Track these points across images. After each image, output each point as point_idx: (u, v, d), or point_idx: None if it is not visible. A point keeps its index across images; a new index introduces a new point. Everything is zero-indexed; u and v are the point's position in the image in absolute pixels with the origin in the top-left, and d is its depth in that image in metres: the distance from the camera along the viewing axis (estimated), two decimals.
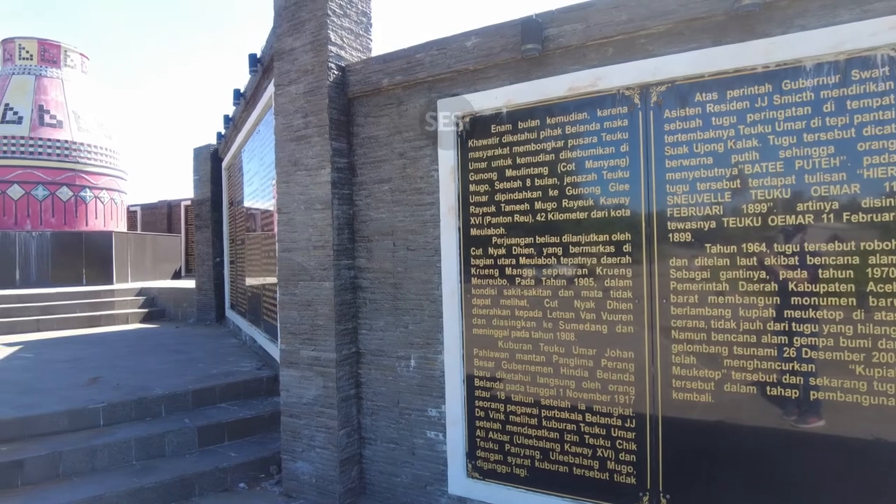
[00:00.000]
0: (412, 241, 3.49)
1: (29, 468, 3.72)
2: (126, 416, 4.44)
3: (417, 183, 3.46)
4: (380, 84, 3.57)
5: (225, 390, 4.99)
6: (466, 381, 3.28)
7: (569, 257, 2.93)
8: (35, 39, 12.95)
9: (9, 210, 12.05)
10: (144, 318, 10.29)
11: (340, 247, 3.62)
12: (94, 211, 12.99)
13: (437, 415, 3.39)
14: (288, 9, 3.82)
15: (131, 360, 6.31)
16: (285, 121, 3.80)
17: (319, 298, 3.63)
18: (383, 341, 3.61)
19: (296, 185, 3.74)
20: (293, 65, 3.77)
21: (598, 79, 2.81)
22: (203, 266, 10.04)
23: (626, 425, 2.79)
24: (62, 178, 12.41)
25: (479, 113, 3.21)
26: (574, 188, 2.91)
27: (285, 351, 3.81)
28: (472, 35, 3.23)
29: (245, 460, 4.15)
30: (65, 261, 11.52)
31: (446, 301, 3.32)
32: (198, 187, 10.33)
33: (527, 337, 3.07)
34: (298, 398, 3.74)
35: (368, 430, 3.70)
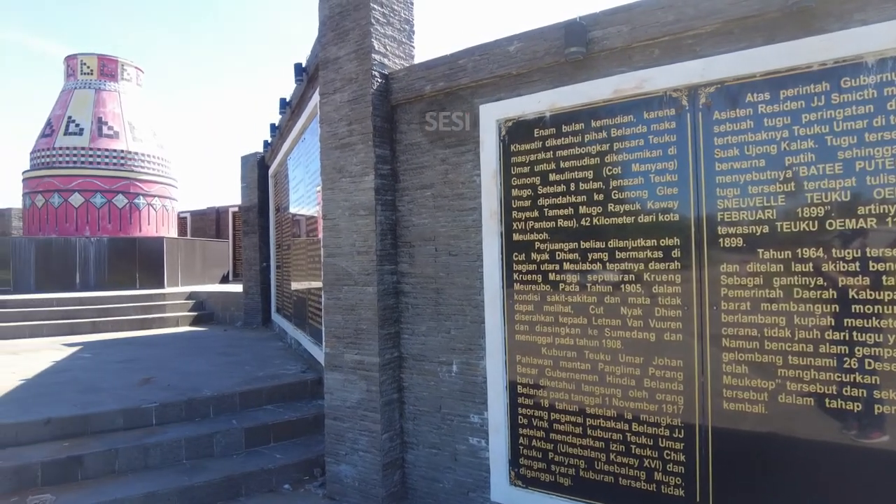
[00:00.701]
0: (454, 247, 3.50)
1: (88, 464, 3.88)
2: (177, 416, 4.58)
3: (459, 188, 3.47)
4: (422, 91, 3.59)
5: (271, 392, 5.10)
6: (509, 388, 3.25)
7: (615, 263, 2.87)
8: (95, 55, 13.59)
9: (70, 217, 12.66)
10: (194, 321, 10.62)
11: (383, 252, 3.66)
12: (147, 217, 13.51)
13: (480, 421, 3.38)
14: (332, 18, 3.89)
15: (181, 362, 6.51)
16: (330, 129, 3.87)
17: (363, 303, 3.67)
18: (425, 346, 3.62)
19: (340, 191, 3.80)
20: (338, 73, 3.84)
21: (644, 81, 2.75)
22: (250, 271, 10.30)
23: (675, 435, 2.71)
24: (118, 186, 12.97)
25: (522, 117, 3.20)
26: (620, 192, 2.85)
27: (330, 354, 3.87)
28: (515, 39, 3.22)
29: (290, 462, 4.22)
30: (120, 265, 12.02)
31: (488, 306, 3.30)
32: (245, 194, 10.62)
33: (571, 344, 3.02)
34: (342, 401, 3.78)
35: (411, 435, 3.71)
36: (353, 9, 3.76)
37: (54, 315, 9.55)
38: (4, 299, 10.03)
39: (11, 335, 8.82)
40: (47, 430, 4.14)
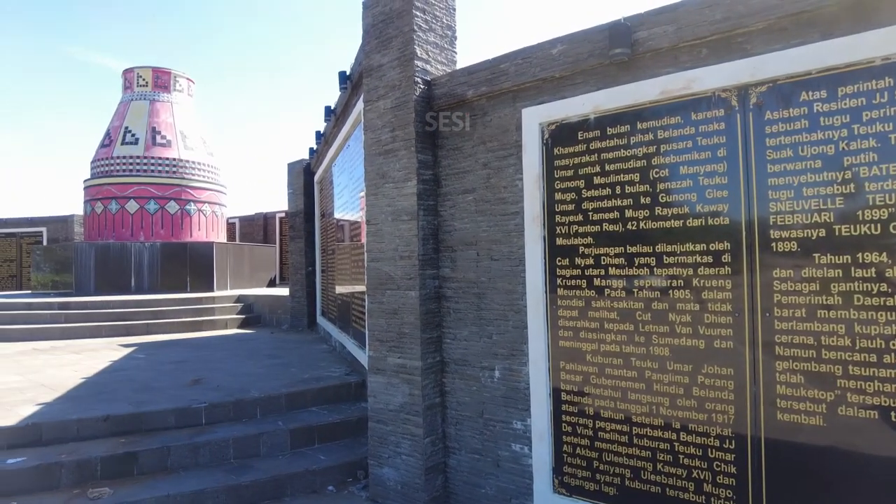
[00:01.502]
0: (496, 251, 3.48)
1: (143, 460, 4.03)
2: (225, 417, 4.70)
3: (501, 192, 3.45)
4: (464, 96, 3.60)
5: (316, 395, 5.18)
6: (553, 395, 3.21)
7: (662, 267, 2.80)
8: (150, 68, 14.18)
9: (126, 223, 13.22)
10: (242, 323, 10.91)
11: (425, 257, 3.67)
12: (198, 223, 13.98)
13: (523, 428, 3.34)
14: (376, 26, 3.95)
15: (230, 364, 6.70)
16: (374, 135, 3.92)
17: (405, 307, 3.69)
18: (467, 351, 3.62)
19: (383, 197, 3.84)
20: (381, 81, 3.89)
21: (692, 81, 2.68)
22: (296, 275, 10.52)
23: (725, 446, 2.62)
24: (170, 192, 13.47)
25: (566, 120, 3.16)
26: (667, 195, 2.79)
27: (373, 357, 3.91)
28: (558, 42, 3.19)
29: (334, 464, 4.28)
30: (172, 269, 12.46)
31: (531, 312, 3.27)
32: (292, 200, 10.87)
33: (617, 351, 2.96)
34: (385, 404, 3.81)
35: (453, 440, 3.71)
36: (396, 16, 3.81)
37: (112, 317, 9.99)
38: (68, 301, 10.55)
39: (74, 335, 9.27)
40: (105, 426, 4.32)
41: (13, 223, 19.51)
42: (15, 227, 19.33)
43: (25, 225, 19.32)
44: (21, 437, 4.14)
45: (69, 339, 9.06)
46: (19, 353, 7.73)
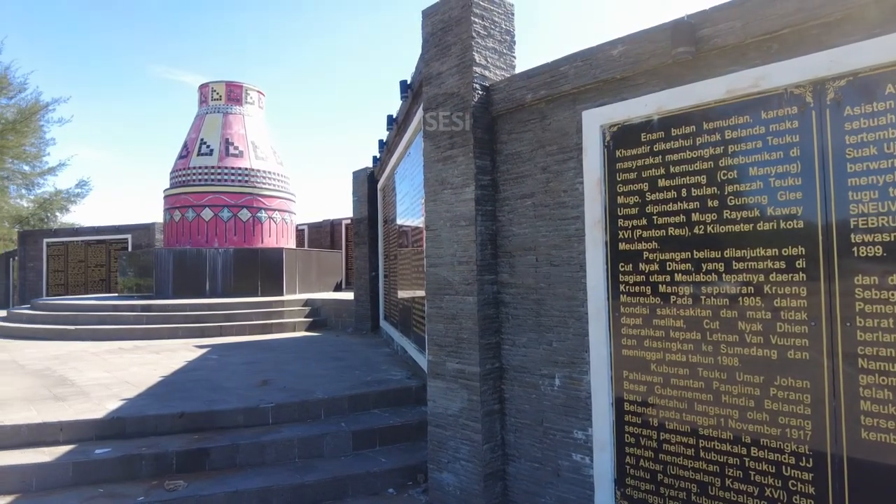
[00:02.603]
0: (555, 257, 3.43)
1: (214, 456, 4.22)
2: (290, 417, 4.86)
3: (561, 197, 3.40)
4: (523, 100, 3.58)
5: (377, 397, 5.27)
6: (615, 405, 3.12)
7: (731, 273, 2.68)
8: (223, 82, 14.92)
9: (202, 230, 13.93)
10: (309, 326, 11.25)
11: (483, 262, 3.67)
12: (269, 230, 14.55)
13: (584, 437, 3.27)
14: (435, 35, 3.99)
15: (297, 365, 6.92)
16: (433, 142, 3.96)
17: (464, 312, 3.70)
18: (526, 358, 3.58)
19: (442, 203, 3.87)
20: (440, 88, 3.92)
21: (761, 78, 2.55)
22: (360, 279, 10.75)
23: (802, 464, 2.46)
24: (242, 201, 14.10)
25: (628, 122, 3.08)
26: (737, 198, 2.66)
27: (432, 362, 3.93)
28: (619, 43, 3.12)
29: (394, 466, 4.33)
30: (244, 274, 13.02)
31: (592, 319, 3.20)
32: (356, 207, 11.14)
33: (683, 360, 2.85)
34: (444, 409, 3.82)
35: (512, 447, 3.67)
36: (455, 24, 3.83)
37: (188, 319, 10.54)
38: (149, 304, 11.22)
39: (155, 336, 9.84)
40: (181, 423, 4.56)
41: (103, 231, 20.97)
42: (104, 235, 20.77)
43: (113, 232, 20.70)
44: (107, 429, 4.43)
45: (150, 340, 9.63)
46: (106, 352, 8.29)
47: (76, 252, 20.81)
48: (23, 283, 20.95)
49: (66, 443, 4.29)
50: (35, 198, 30.64)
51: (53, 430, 4.35)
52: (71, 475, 3.95)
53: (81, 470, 3.98)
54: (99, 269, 20.60)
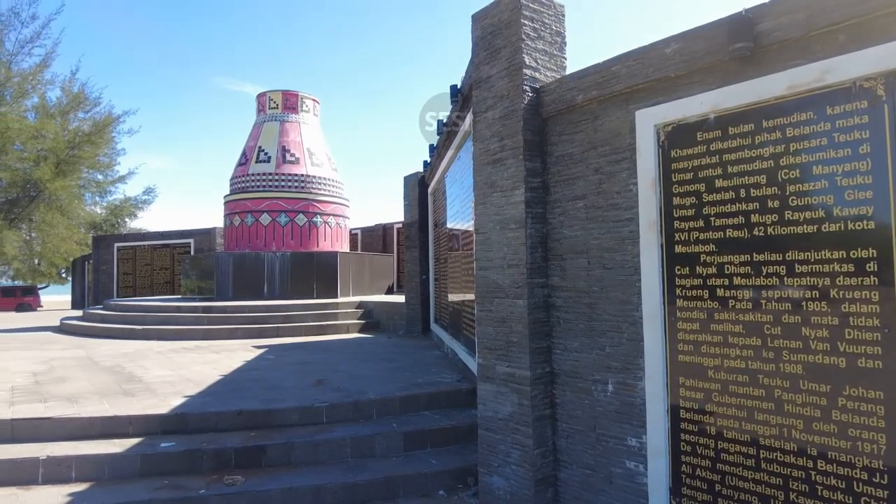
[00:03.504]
0: (608, 259, 3.37)
1: (270, 453, 4.35)
2: (343, 417, 4.95)
3: (614, 198, 3.34)
4: (574, 101, 3.54)
5: (428, 399, 5.31)
6: (670, 412, 3.03)
7: (794, 277, 2.56)
8: (280, 91, 15.40)
9: (260, 234, 14.41)
10: (362, 328, 11.44)
11: (534, 265, 3.64)
12: (324, 234, 14.90)
13: (638, 445, 3.19)
14: (484, 38, 4.00)
15: (350, 366, 7.05)
16: (482, 145, 3.96)
17: (513, 316, 3.68)
18: (578, 363, 3.52)
19: (492, 206, 3.87)
20: (489, 92, 3.93)
21: (827, 72, 2.43)
22: (411, 283, 10.86)
23: (876, 481, 2.32)
24: (299, 206, 14.50)
25: (683, 121, 3.00)
26: (800, 198, 2.54)
27: (482, 365, 3.93)
28: (672, 41, 3.04)
29: (445, 468, 4.35)
30: (300, 277, 13.38)
31: (647, 324, 3.12)
32: (407, 211, 11.27)
33: (742, 367, 2.74)
34: (494, 413, 3.81)
35: (564, 453, 3.62)
36: (505, 27, 3.83)
37: (246, 320, 10.91)
38: (210, 305, 11.68)
39: (215, 336, 10.24)
40: (239, 420, 4.72)
41: (167, 235, 22.02)
42: (169, 239, 21.79)
43: (177, 237, 21.71)
44: (171, 424, 4.64)
45: (210, 340, 10.02)
46: (170, 351, 8.68)
47: (143, 256, 21.94)
48: (96, 284, 22.24)
49: (134, 435, 4.53)
50: (107, 204, 32.48)
51: (123, 423, 4.60)
52: (139, 466, 4.16)
53: (149, 462, 4.18)
54: (164, 272, 21.63)
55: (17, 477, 4.01)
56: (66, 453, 4.17)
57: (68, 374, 6.72)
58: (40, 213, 28.26)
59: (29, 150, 27.71)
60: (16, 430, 4.50)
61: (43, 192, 27.37)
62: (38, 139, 27.59)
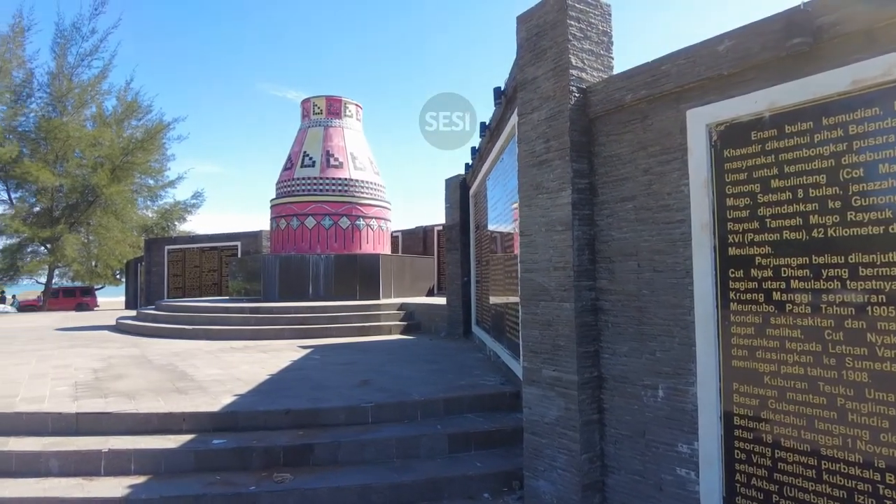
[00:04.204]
0: (658, 262, 3.30)
1: (317, 452, 4.43)
2: (388, 417, 5.00)
3: (664, 199, 3.28)
4: (622, 101, 3.49)
5: (472, 402, 5.31)
6: (724, 418, 2.95)
7: (857, 280, 2.46)
8: (324, 97, 15.70)
9: (305, 237, 14.71)
10: (404, 330, 11.53)
11: (581, 268, 3.60)
12: (366, 236, 15.10)
13: (689, 452, 3.12)
14: (529, 40, 3.99)
15: (392, 367, 7.11)
16: (528, 147, 3.95)
17: (560, 319, 3.65)
18: (627, 367, 3.47)
19: (537, 208, 3.85)
20: (535, 93, 3.91)
21: (895, 66, 2.33)
22: (453, 285, 10.88)
23: None
24: (342, 209, 14.75)
25: (736, 120, 2.92)
26: (863, 198, 2.44)
27: (527, 369, 3.91)
28: (725, 38, 2.97)
29: (489, 471, 4.34)
30: (343, 279, 13.58)
31: (699, 328, 3.05)
32: (448, 214, 11.30)
33: (801, 374, 2.64)
34: (540, 417, 3.78)
35: (611, 458, 3.57)
36: (550, 28, 3.81)
37: (292, 321, 11.14)
38: (257, 306, 11.98)
39: (262, 336, 10.49)
40: (287, 419, 4.83)
41: (215, 238, 22.69)
42: (216, 242, 22.45)
43: (224, 240, 22.34)
44: (222, 422, 4.78)
45: (257, 340, 10.27)
46: (219, 350, 8.94)
47: (192, 258, 22.65)
48: (148, 285, 23.09)
49: (187, 432, 4.68)
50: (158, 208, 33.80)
51: (177, 420, 4.76)
52: (193, 461, 4.30)
53: (201, 457, 4.32)
54: (212, 274, 22.27)
55: (82, 468, 4.21)
56: (125, 447, 4.35)
57: (125, 371, 7.01)
58: (97, 217, 29.62)
59: (87, 157, 29.13)
60: (80, 423, 4.72)
61: (100, 197, 28.69)
62: (96, 146, 28.98)
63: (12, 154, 26.68)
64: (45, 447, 4.38)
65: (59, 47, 29.46)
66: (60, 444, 4.43)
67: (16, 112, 28.86)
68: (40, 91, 29.76)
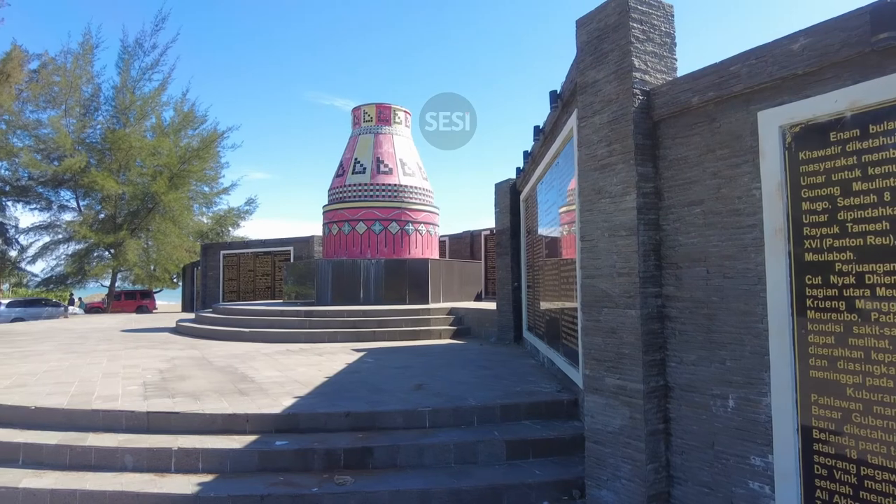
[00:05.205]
0: (728, 268, 3.20)
1: (377, 455, 4.48)
2: (445, 422, 5.01)
3: (734, 203, 3.18)
4: (688, 103, 3.41)
5: (528, 408, 5.26)
6: (801, 432, 2.83)
7: None
8: (374, 104, 15.93)
9: (356, 242, 14.94)
10: (453, 334, 11.55)
11: (646, 274, 3.53)
12: (415, 241, 15.22)
13: (763, 465, 3.00)
14: (590, 43, 3.95)
15: (446, 372, 7.13)
16: (588, 151, 3.90)
17: (624, 326, 3.58)
18: (695, 376, 3.37)
19: (599, 212, 3.79)
20: (596, 96, 3.86)
21: None
22: (503, 290, 10.83)
23: None
24: (392, 215, 14.92)
25: (813, 121, 2.81)
26: None
27: (589, 377, 3.85)
28: (800, 36, 2.86)
29: (548, 479, 4.29)
30: (393, 283, 13.72)
31: (773, 336, 2.94)
32: (498, 218, 11.26)
33: (889, 386, 2.51)
34: (603, 426, 3.72)
35: (678, 469, 3.47)
36: (612, 30, 3.76)
37: (345, 324, 11.32)
38: (311, 310, 12.23)
39: (316, 339, 10.71)
40: (347, 421, 4.90)
41: (269, 243, 23.33)
42: (270, 247, 23.07)
43: (277, 245, 22.93)
44: (284, 423, 4.90)
45: (311, 343, 10.49)
46: (276, 353, 9.17)
47: (246, 262, 23.35)
48: (204, 289, 23.93)
49: (251, 433, 4.82)
50: (213, 215, 35.08)
51: (241, 421, 4.90)
52: (257, 462, 4.42)
53: (265, 458, 4.44)
54: (265, 278, 22.90)
55: (154, 464, 4.39)
56: (193, 446, 4.51)
57: (188, 372, 7.27)
58: (156, 223, 30.95)
59: (147, 165, 30.52)
60: (151, 421, 4.93)
61: (158, 204, 29.97)
62: (155, 156, 30.32)
63: (81, 164, 28.27)
64: (120, 443, 4.59)
65: (124, 62, 31.09)
66: (134, 441, 4.63)
67: (84, 125, 30.58)
68: (106, 104, 31.49)
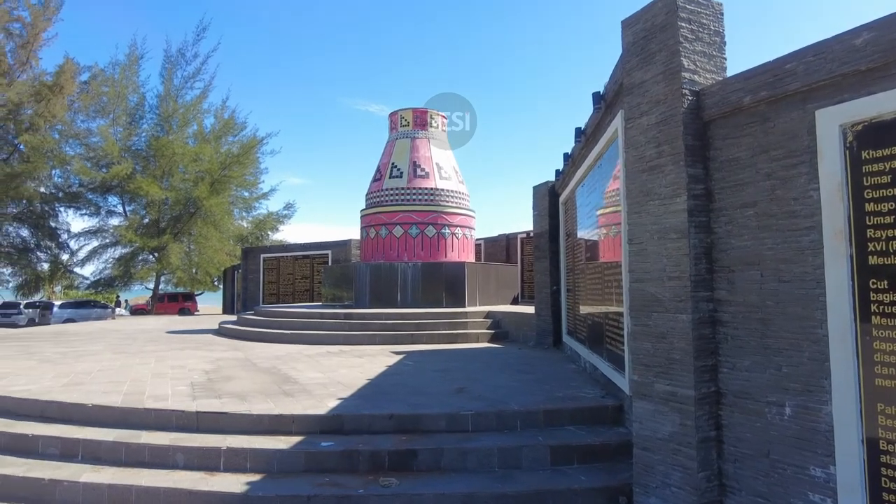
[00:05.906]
0: (784, 272, 3.11)
1: (421, 457, 4.50)
2: (488, 426, 4.99)
3: (790, 205, 3.09)
4: (740, 103, 3.33)
5: (572, 414, 5.20)
6: (866, 442, 2.72)
7: None
8: (410, 109, 16.04)
9: (393, 245, 15.06)
10: (491, 338, 11.51)
11: (697, 277, 3.45)
12: (451, 245, 15.25)
13: (824, 476, 2.90)
14: (636, 43, 3.89)
15: (486, 375, 7.11)
16: (636, 153, 3.85)
17: (674, 331, 3.51)
18: (749, 383, 3.28)
19: (647, 215, 3.73)
20: (643, 97, 3.81)
21: None
22: (541, 293, 10.75)
23: None
24: (429, 218, 14.98)
25: (877, 119, 2.71)
26: None
27: (637, 382, 3.79)
28: (863, 31, 2.76)
29: (594, 486, 4.22)
30: (429, 287, 13.77)
31: (834, 342, 2.84)
32: (536, 221, 11.18)
33: None
34: (652, 432, 3.65)
35: (731, 478, 3.38)
36: (659, 31, 3.71)
37: (383, 327, 11.41)
38: (350, 312, 12.37)
39: (355, 342, 10.81)
40: (390, 423, 4.94)
41: (307, 247, 23.72)
42: (308, 251, 23.46)
43: (316, 248, 23.30)
44: (329, 424, 4.97)
45: (351, 345, 10.60)
46: (317, 355, 9.30)
47: (286, 266, 23.79)
48: (244, 291, 24.48)
49: (297, 433, 4.89)
50: (252, 219, 35.86)
51: (287, 421, 4.99)
52: (303, 462, 4.48)
53: (311, 459, 4.50)
54: (304, 281, 23.28)
55: (204, 463, 4.51)
56: (241, 446, 4.61)
57: (233, 373, 7.44)
58: (198, 228, 31.82)
59: (189, 171, 31.42)
60: (200, 421, 5.06)
61: (200, 209, 30.81)
62: (197, 162, 31.20)
63: (127, 171, 29.30)
64: (171, 442, 4.72)
65: (167, 71, 32.15)
66: (184, 440, 4.76)
67: (130, 133, 31.70)
68: (150, 112, 32.61)
